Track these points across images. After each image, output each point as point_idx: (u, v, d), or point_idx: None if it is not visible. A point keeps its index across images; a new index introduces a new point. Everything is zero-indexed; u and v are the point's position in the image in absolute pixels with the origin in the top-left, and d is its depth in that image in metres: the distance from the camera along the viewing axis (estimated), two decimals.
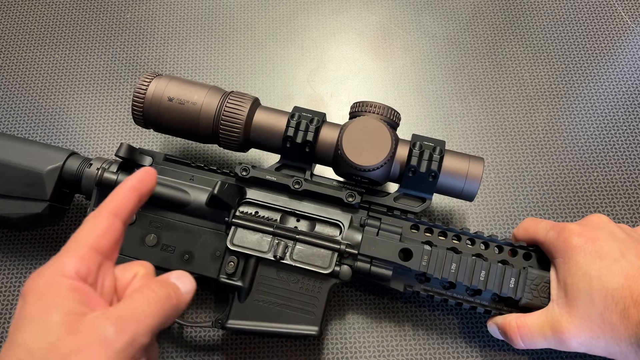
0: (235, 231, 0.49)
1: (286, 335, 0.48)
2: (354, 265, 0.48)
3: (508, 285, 0.47)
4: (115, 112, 0.64)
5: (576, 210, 0.59)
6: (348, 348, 0.52)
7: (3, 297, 0.55)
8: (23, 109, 0.63)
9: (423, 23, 0.69)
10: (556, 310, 0.44)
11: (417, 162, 0.48)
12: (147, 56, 0.67)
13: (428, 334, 0.53)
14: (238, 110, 0.50)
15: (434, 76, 0.66)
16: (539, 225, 0.48)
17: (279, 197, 0.51)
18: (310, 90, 0.66)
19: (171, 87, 0.51)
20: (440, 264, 0.47)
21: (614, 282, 0.42)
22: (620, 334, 0.41)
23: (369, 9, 0.70)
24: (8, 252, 0.56)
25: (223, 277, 0.49)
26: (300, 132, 0.49)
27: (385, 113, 0.49)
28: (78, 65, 0.66)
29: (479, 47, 0.68)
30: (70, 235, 0.36)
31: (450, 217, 0.58)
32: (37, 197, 0.50)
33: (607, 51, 0.67)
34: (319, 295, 0.48)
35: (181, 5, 0.70)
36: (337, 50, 0.68)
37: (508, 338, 0.46)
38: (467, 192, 0.49)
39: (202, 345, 0.53)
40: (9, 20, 0.68)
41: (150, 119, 0.52)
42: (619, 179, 0.60)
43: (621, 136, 0.62)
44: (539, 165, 0.61)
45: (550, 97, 0.65)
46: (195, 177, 0.52)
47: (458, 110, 0.64)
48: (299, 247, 0.48)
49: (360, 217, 0.50)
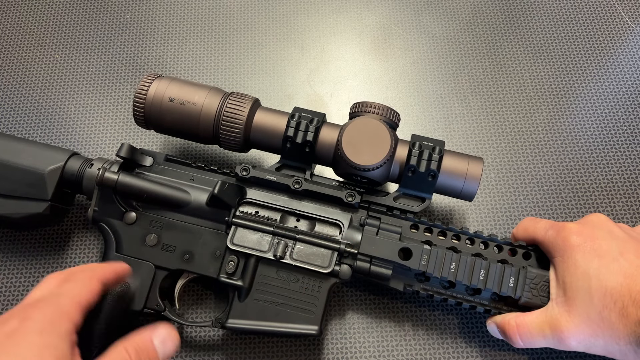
0: (235, 231, 0.49)
1: (286, 334, 0.48)
2: (353, 264, 0.48)
3: (507, 284, 0.47)
4: (115, 112, 0.64)
5: (576, 210, 0.59)
6: (348, 348, 0.53)
7: (3, 297, 0.55)
8: (23, 109, 0.64)
9: (423, 23, 0.69)
10: (555, 309, 0.44)
11: (417, 161, 0.48)
12: (147, 56, 0.67)
13: (428, 333, 0.53)
14: (238, 111, 0.50)
15: (434, 76, 0.66)
16: (538, 225, 0.49)
17: (279, 197, 0.51)
18: (310, 90, 0.66)
19: (172, 88, 0.51)
20: (439, 263, 0.47)
21: (612, 280, 0.42)
22: (619, 332, 0.41)
23: (369, 9, 0.70)
24: (8, 252, 0.56)
25: (223, 276, 0.49)
26: (300, 132, 0.49)
27: (384, 113, 0.49)
28: (78, 65, 0.66)
29: (479, 47, 0.68)
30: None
31: (449, 217, 0.58)
32: (39, 197, 0.50)
33: (607, 51, 0.67)
34: (318, 294, 0.48)
35: (181, 5, 0.70)
36: (337, 50, 0.68)
37: (507, 337, 0.46)
38: (466, 192, 0.49)
39: (202, 345, 0.53)
40: (9, 20, 0.69)
41: (151, 120, 0.52)
42: (619, 179, 0.60)
43: (621, 136, 0.62)
44: (539, 165, 0.61)
45: (550, 97, 0.65)
46: (195, 177, 0.52)
47: (458, 110, 0.64)
48: (298, 246, 0.49)
49: (360, 217, 0.50)
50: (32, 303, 0.37)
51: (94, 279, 0.40)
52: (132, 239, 0.50)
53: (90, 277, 0.40)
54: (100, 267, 0.43)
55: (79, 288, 0.39)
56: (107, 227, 0.51)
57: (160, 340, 0.39)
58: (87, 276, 0.40)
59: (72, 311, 0.37)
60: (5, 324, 0.35)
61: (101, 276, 0.41)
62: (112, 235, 0.50)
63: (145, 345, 0.38)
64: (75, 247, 0.56)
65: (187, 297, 0.54)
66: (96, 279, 0.40)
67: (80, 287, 0.39)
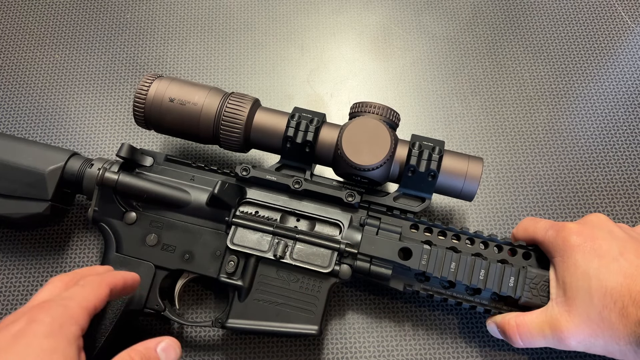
0: (235, 231, 0.49)
1: (286, 334, 0.48)
2: (353, 264, 0.48)
3: (507, 284, 0.47)
4: (115, 112, 0.64)
5: (576, 210, 0.59)
6: (348, 348, 0.53)
7: (3, 297, 0.55)
8: (23, 109, 0.64)
9: (423, 23, 0.69)
10: (555, 309, 0.44)
11: (417, 161, 0.48)
12: (147, 56, 0.67)
13: (428, 333, 0.53)
14: (238, 111, 0.50)
15: (434, 76, 0.66)
16: (538, 225, 0.49)
17: (279, 196, 0.51)
18: (310, 90, 0.66)
19: (172, 88, 0.51)
20: (439, 263, 0.47)
21: (612, 280, 0.42)
22: (619, 332, 0.41)
23: (369, 9, 0.70)
24: (8, 252, 0.56)
25: (223, 276, 0.49)
26: (300, 133, 0.49)
27: (384, 113, 0.49)
28: (78, 65, 0.66)
29: (479, 47, 0.68)
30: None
31: (449, 217, 0.58)
32: (39, 197, 0.50)
33: (607, 51, 0.67)
34: (318, 294, 0.48)
35: (181, 5, 0.70)
36: (337, 50, 0.68)
37: (507, 337, 0.46)
38: (466, 192, 0.49)
39: (202, 345, 0.53)
40: (9, 20, 0.69)
41: (151, 120, 0.52)
42: (619, 179, 0.60)
43: (621, 136, 0.62)
44: (539, 165, 0.61)
45: (550, 97, 0.65)
46: (195, 177, 0.52)
47: (458, 110, 0.64)
48: (298, 246, 0.49)
49: (360, 217, 0.50)
50: (39, 305, 0.37)
51: (103, 285, 0.40)
52: (132, 239, 0.50)
53: (99, 282, 0.40)
54: (111, 274, 0.43)
55: (88, 292, 0.39)
56: (107, 227, 0.51)
57: (162, 348, 0.40)
58: (97, 281, 0.40)
59: (79, 315, 0.37)
60: (11, 325, 0.35)
61: (110, 283, 0.41)
62: (112, 235, 0.50)
63: (149, 352, 0.39)
64: (75, 247, 0.56)
65: (187, 297, 0.54)
66: (105, 285, 0.41)
67: (89, 292, 0.39)
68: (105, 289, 0.40)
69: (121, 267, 0.49)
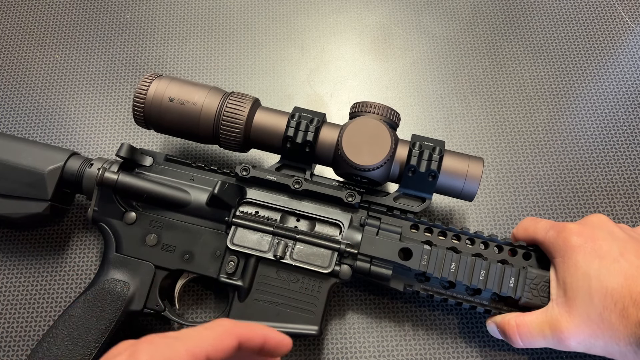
0: (235, 231, 0.49)
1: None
2: (353, 264, 0.48)
3: (508, 284, 0.47)
4: (115, 112, 0.64)
5: (576, 210, 0.59)
6: (348, 348, 0.53)
7: (3, 297, 0.55)
8: (23, 109, 0.64)
9: (423, 23, 0.69)
10: (555, 309, 0.44)
11: (417, 162, 0.48)
12: (147, 56, 0.67)
13: (428, 333, 0.53)
14: (238, 111, 0.50)
15: (434, 76, 0.66)
16: (539, 225, 0.49)
17: (279, 197, 0.51)
18: (310, 90, 0.66)
19: (172, 87, 0.51)
20: (439, 263, 0.47)
21: (613, 281, 0.42)
22: (619, 333, 0.41)
23: (369, 9, 0.70)
24: (8, 252, 0.56)
25: (223, 276, 0.49)
26: (300, 132, 0.49)
27: (385, 113, 0.49)
28: (78, 65, 0.66)
29: (479, 47, 0.68)
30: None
31: (450, 217, 0.58)
32: (38, 197, 0.50)
33: (607, 51, 0.67)
34: (319, 294, 0.48)
35: (181, 5, 0.70)
36: (337, 50, 0.68)
37: (507, 337, 0.46)
38: (466, 192, 0.49)
39: None
40: (9, 20, 0.69)
41: (151, 120, 0.52)
42: (619, 179, 0.60)
43: (621, 136, 0.62)
44: (539, 165, 0.61)
45: (550, 97, 0.65)
46: (195, 177, 0.52)
47: (458, 110, 0.64)
48: (299, 246, 0.49)
49: (360, 217, 0.50)
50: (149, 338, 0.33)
51: (229, 334, 0.34)
52: (132, 239, 0.50)
53: (227, 329, 0.34)
54: (247, 325, 0.35)
55: (205, 337, 0.33)
56: (107, 227, 0.51)
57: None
58: (224, 327, 0.34)
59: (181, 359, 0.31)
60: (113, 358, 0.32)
61: (242, 335, 0.34)
62: (112, 235, 0.50)
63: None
64: (75, 247, 0.56)
65: (187, 297, 0.54)
66: (234, 335, 0.34)
67: (207, 336, 0.33)
68: (231, 341, 0.33)
69: (121, 267, 0.49)
